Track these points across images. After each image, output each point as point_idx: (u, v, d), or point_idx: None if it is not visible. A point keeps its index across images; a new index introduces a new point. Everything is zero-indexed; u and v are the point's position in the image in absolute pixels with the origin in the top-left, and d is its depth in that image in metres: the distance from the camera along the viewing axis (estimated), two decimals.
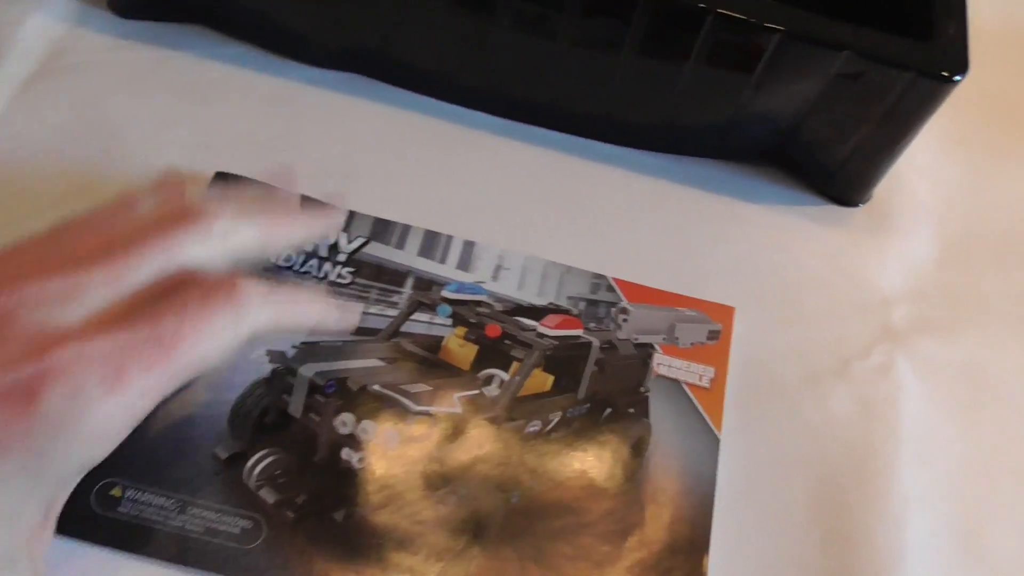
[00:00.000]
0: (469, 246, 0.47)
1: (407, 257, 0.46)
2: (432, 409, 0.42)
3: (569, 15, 0.44)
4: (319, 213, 0.41)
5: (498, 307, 0.46)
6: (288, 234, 0.38)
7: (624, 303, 0.46)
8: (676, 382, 0.44)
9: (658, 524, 0.40)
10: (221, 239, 0.34)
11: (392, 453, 0.40)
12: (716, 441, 0.43)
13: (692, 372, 0.45)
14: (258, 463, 0.40)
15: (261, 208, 0.37)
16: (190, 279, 0.32)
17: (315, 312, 0.36)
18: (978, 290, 0.50)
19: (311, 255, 0.45)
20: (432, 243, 0.47)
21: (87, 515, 0.37)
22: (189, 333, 0.30)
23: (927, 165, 0.54)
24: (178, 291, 0.31)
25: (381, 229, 0.47)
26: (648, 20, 0.44)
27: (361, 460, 0.40)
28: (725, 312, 0.47)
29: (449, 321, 0.45)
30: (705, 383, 0.44)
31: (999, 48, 0.61)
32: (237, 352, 0.32)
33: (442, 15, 0.46)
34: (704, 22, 0.43)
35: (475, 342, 0.44)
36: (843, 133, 0.47)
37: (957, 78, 0.43)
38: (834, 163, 0.49)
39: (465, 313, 0.45)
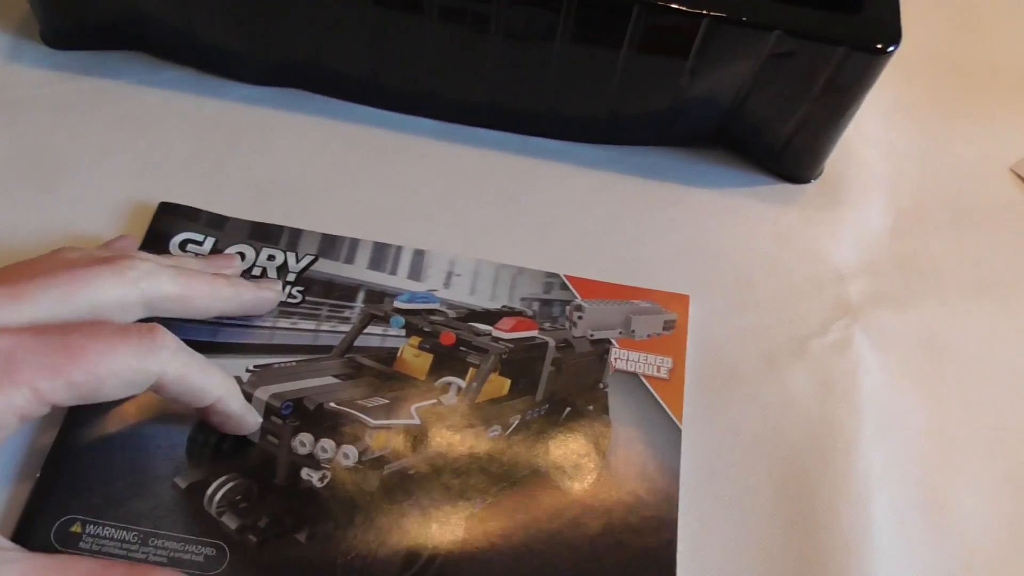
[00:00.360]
0: (419, 255, 0.47)
1: (357, 271, 0.46)
2: (390, 422, 0.42)
3: (498, 10, 0.44)
4: (256, 286, 0.42)
5: (452, 314, 0.45)
6: (210, 297, 0.39)
7: (578, 300, 0.46)
8: (635, 375, 0.44)
9: (624, 520, 0.40)
10: (133, 284, 0.35)
11: (352, 470, 0.40)
12: (678, 432, 0.43)
13: (650, 364, 0.45)
14: (218, 490, 0.39)
15: (191, 268, 0.39)
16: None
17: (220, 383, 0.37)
18: (933, 257, 0.50)
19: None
20: (381, 255, 0.47)
21: (49, 552, 0.37)
22: (95, 349, 0.31)
23: (876, 134, 0.54)
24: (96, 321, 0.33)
25: (329, 245, 0.46)
26: (577, 11, 0.43)
27: (322, 479, 0.40)
28: (680, 301, 0.46)
29: (403, 332, 0.44)
30: (664, 374, 0.44)
31: (939, 8, 0.61)
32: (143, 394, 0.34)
33: (368, 20, 0.46)
34: (632, 11, 0.42)
35: (430, 351, 0.44)
36: (784, 111, 0.47)
37: (891, 49, 0.42)
38: (779, 141, 0.49)
39: (418, 323, 0.45)
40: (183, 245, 0.45)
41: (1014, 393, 0.46)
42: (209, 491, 0.39)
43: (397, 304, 0.45)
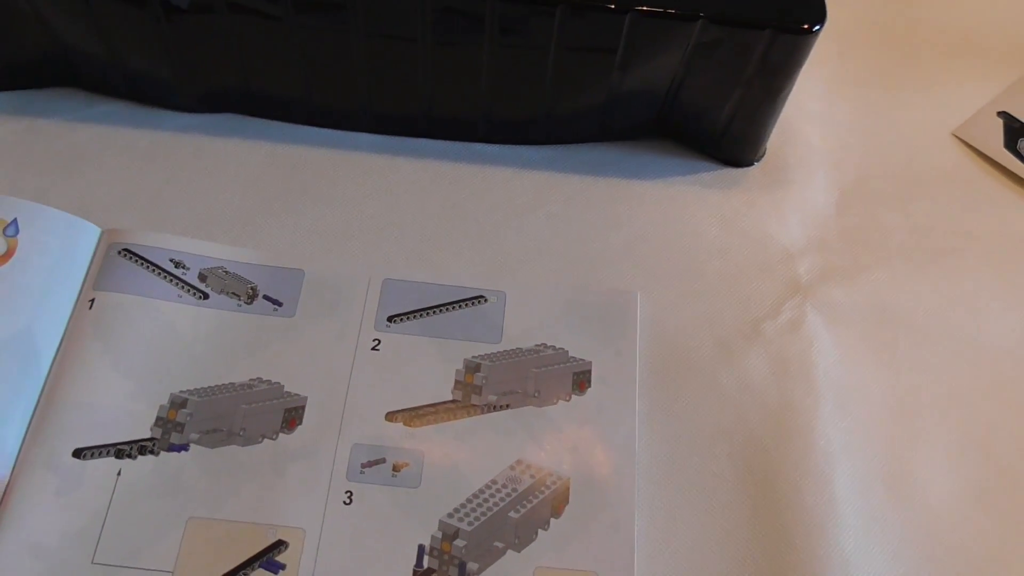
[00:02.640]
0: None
1: None
2: None
3: (423, 20, 0.44)
4: None
5: None
6: None
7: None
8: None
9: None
10: None
11: None
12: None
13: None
14: None
15: None
16: None
17: None
18: (880, 229, 0.50)
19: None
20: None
21: None
22: None
23: (817, 111, 0.54)
24: None
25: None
26: (502, 15, 0.43)
27: None
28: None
29: None
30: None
31: None
32: None
33: (296, 41, 0.46)
34: (556, 10, 0.42)
35: None
36: (719, 97, 0.47)
37: (816, 28, 0.42)
38: (718, 127, 0.49)
39: None
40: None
41: (966, 359, 0.46)
42: None
43: None
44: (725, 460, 0.43)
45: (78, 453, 0.40)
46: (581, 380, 0.44)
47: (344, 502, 0.40)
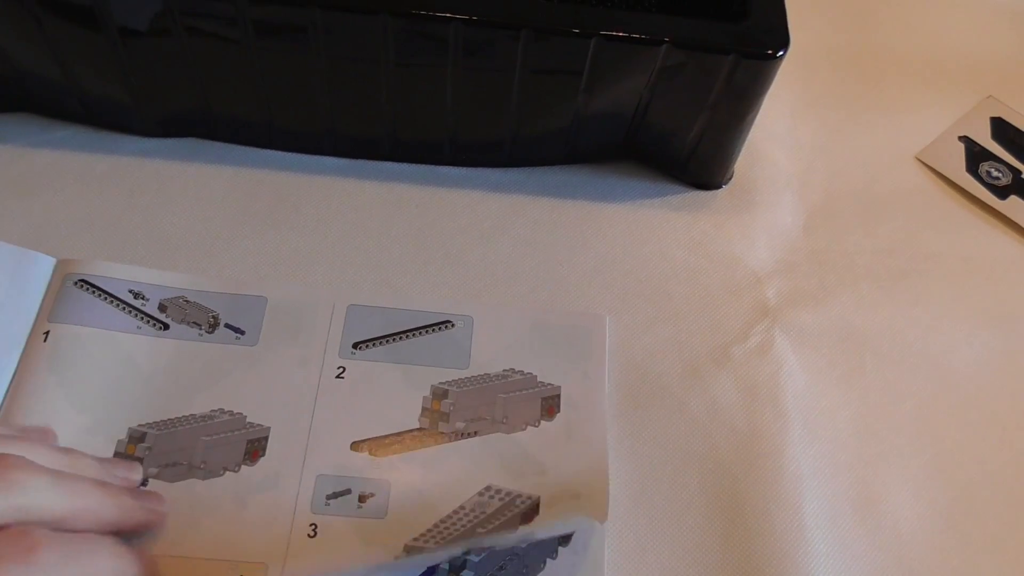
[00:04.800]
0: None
1: None
2: None
3: (386, 43, 0.43)
4: (142, 500, 0.38)
5: None
6: (96, 511, 0.35)
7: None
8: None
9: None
10: (6, 490, 0.32)
11: None
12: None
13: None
14: None
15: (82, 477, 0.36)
16: None
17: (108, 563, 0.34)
18: (846, 251, 0.51)
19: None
20: None
21: None
22: None
23: (782, 133, 0.54)
24: None
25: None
26: (465, 38, 0.43)
27: None
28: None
29: None
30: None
31: (831, 3, 0.62)
32: None
33: (256, 64, 0.45)
34: (520, 35, 0.42)
35: None
36: (685, 121, 0.47)
37: (780, 53, 0.43)
38: (685, 150, 0.49)
39: None
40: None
41: (932, 382, 0.46)
42: None
43: None
44: (695, 486, 0.42)
45: None
46: (550, 405, 0.43)
47: (308, 535, 0.39)
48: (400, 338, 0.45)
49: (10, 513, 0.32)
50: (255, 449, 0.41)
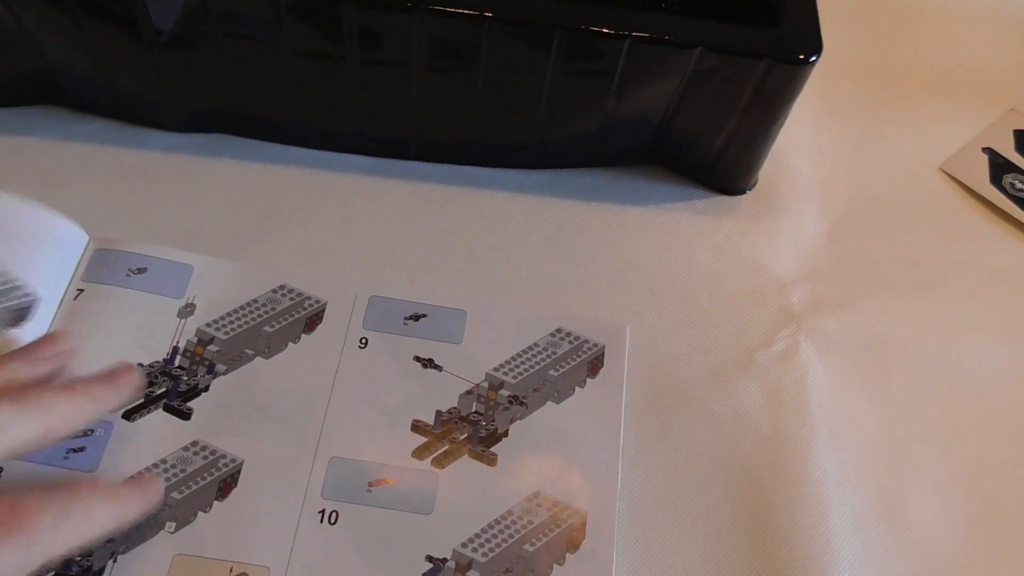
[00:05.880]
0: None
1: None
2: None
3: (419, 45, 0.43)
4: (138, 486, 0.37)
5: None
6: (69, 418, 0.35)
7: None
8: None
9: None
10: None
11: None
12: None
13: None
14: None
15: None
16: None
17: (112, 514, 0.34)
18: (870, 259, 0.51)
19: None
20: None
21: None
22: None
23: (807, 141, 0.55)
24: None
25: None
26: (499, 39, 0.43)
27: None
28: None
29: None
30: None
31: (859, 14, 0.62)
32: None
33: (288, 65, 0.45)
34: (555, 35, 0.42)
35: None
36: (714, 126, 0.47)
37: (812, 59, 0.43)
38: (711, 155, 0.49)
39: None
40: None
41: (957, 390, 0.46)
42: None
43: None
44: (720, 490, 0.42)
45: None
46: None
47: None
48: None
49: None
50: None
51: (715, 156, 0.49)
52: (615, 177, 0.52)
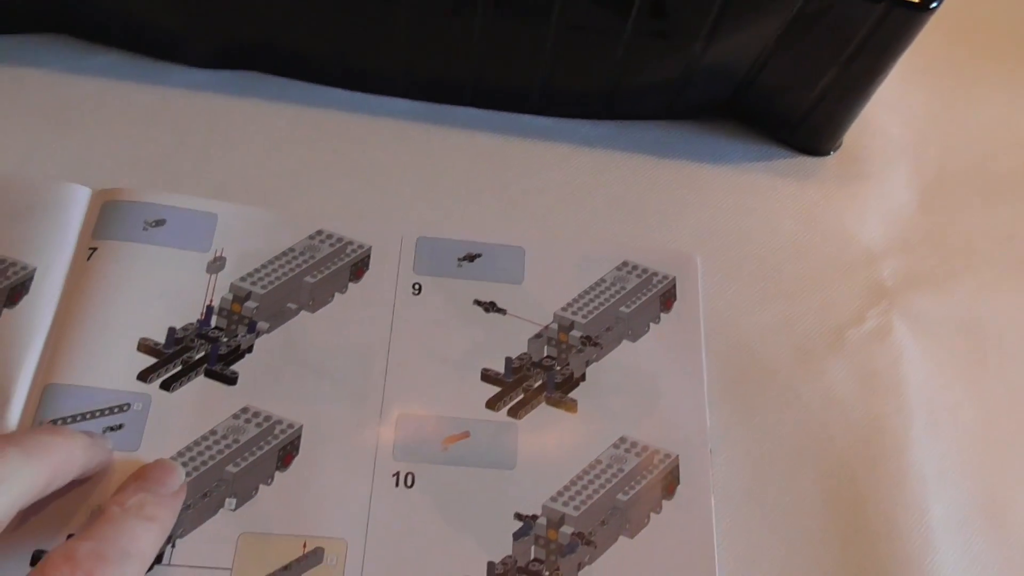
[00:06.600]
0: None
1: None
2: None
3: None
4: (162, 482, 0.33)
5: None
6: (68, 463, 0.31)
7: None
8: None
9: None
10: None
11: None
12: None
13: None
14: None
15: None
16: None
17: (156, 533, 0.31)
18: (964, 233, 0.46)
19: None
20: None
21: None
22: None
23: (895, 100, 0.50)
24: None
25: None
26: None
27: None
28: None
29: None
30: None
31: None
32: None
33: None
34: None
35: None
36: (808, 78, 0.42)
37: (933, 5, 0.38)
38: (799, 111, 0.44)
39: None
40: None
41: None
42: None
43: None
44: (810, 484, 0.38)
45: None
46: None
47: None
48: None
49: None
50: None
51: (803, 112, 0.44)
52: (689, 132, 0.47)
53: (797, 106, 0.44)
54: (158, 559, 0.33)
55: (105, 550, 0.28)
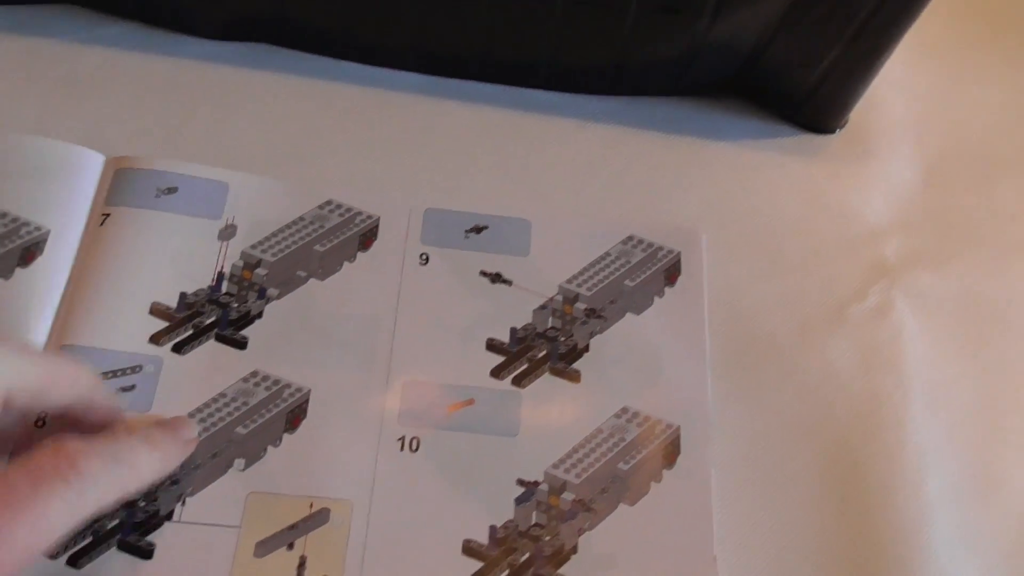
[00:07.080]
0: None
1: None
2: None
3: None
4: (173, 429, 0.34)
5: None
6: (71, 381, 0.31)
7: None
8: None
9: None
10: None
11: None
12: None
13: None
14: None
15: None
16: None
17: (155, 459, 0.32)
18: (966, 213, 0.46)
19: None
20: None
21: None
22: (19, 531, 0.26)
23: (900, 79, 0.50)
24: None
25: None
26: None
27: None
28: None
29: None
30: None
31: None
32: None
33: None
34: None
35: None
36: (814, 54, 0.42)
37: None
38: (805, 88, 0.44)
39: None
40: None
41: None
42: None
43: None
44: (809, 456, 0.39)
45: None
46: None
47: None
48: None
49: None
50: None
51: (809, 89, 0.44)
52: (694, 108, 0.47)
53: (802, 83, 0.44)
54: (168, 516, 0.34)
55: (96, 448, 0.29)
